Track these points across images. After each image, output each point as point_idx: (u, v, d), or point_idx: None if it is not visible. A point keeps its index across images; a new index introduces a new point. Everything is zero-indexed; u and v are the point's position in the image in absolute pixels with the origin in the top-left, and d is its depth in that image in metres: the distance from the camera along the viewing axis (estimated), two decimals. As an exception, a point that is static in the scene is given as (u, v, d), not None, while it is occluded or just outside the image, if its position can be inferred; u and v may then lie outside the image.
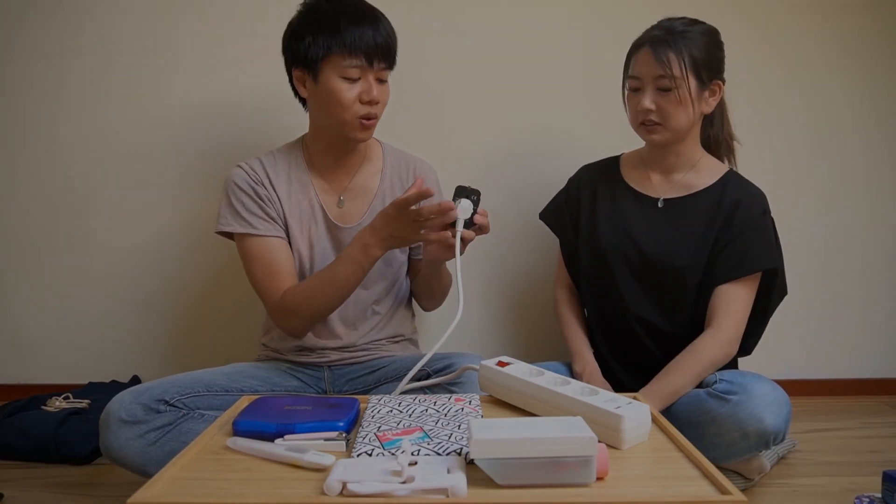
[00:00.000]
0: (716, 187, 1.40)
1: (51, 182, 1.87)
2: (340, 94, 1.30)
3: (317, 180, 1.43)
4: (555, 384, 0.99)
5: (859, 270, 1.96)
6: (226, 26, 1.85)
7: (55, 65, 1.85)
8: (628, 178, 1.49)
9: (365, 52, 1.28)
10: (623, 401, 0.91)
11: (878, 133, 1.94)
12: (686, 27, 1.34)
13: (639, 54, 1.36)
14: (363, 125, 1.33)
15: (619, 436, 0.87)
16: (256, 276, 1.37)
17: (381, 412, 0.97)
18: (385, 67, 1.32)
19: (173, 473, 0.80)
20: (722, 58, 1.39)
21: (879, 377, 1.98)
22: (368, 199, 1.45)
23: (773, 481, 1.39)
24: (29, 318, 1.90)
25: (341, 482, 0.73)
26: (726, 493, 0.72)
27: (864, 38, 1.91)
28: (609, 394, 0.95)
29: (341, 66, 1.29)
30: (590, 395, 0.95)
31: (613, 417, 0.87)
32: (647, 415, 0.91)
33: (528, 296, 1.91)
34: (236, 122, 1.86)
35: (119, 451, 1.18)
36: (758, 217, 1.37)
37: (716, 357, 1.31)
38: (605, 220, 1.47)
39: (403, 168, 1.49)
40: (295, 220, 1.41)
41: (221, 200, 1.41)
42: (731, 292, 1.34)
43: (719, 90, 1.39)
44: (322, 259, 1.42)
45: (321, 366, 1.44)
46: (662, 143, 1.38)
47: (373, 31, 1.29)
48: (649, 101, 1.33)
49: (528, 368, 1.06)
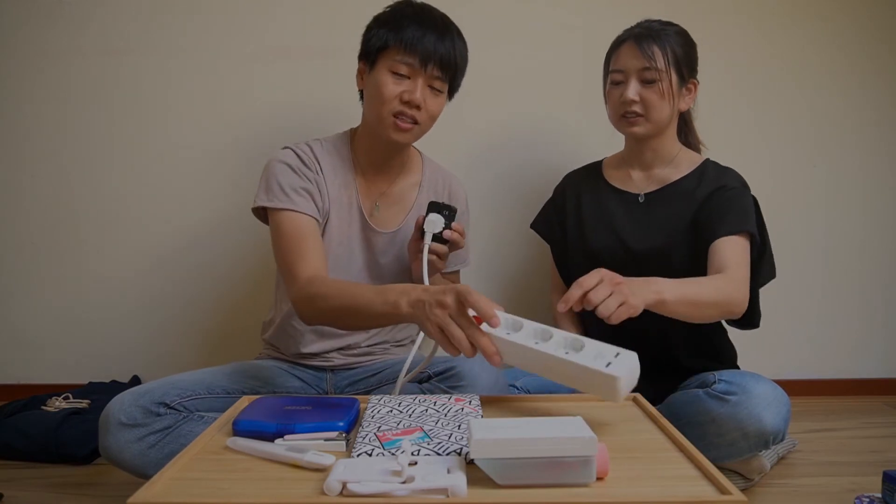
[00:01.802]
0: (694, 174, 1.44)
1: (51, 182, 1.88)
2: (383, 87, 1.29)
3: (359, 179, 1.42)
4: (535, 340, 0.94)
5: (859, 270, 1.96)
6: (231, 25, 1.85)
7: (57, 65, 1.85)
8: (610, 178, 1.53)
9: (421, 53, 1.27)
10: (609, 353, 0.91)
11: (878, 133, 1.94)
12: (663, 26, 1.41)
13: (622, 49, 1.41)
14: (396, 124, 1.30)
15: (616, 393, 0.89)
16: (286, 254, 1.28)
17: (381, 412, 0.97)
18: (439, 77, 1.30)
19: (173, 473, 0.80)
20: (696, 58, 1.44)
21: (879, 377, 1.98)
22: (405, 209, 1.44)
23: (773, 481, 1.39)
24: (29, 318, 1.90)
25: (341, 482, 0.73)
26: (726, 493, 0.72)
27: (863, 38, 1.91)
28: (593, 346, 0.93)
29: (394, 59, 1.28)
30: (575, 350, 0.92)
31: (607, 378, 0.88)
32: (636, 362, 0.92)
33: (525, 302, 1.92)
34: (241, 124, 1.87)
35: (118, 454, 1.18)
36: (738, 188, 1.40)
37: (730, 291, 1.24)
38: (592, 221, 1.50)
39: (440, 183, 1.50)
40: (335, 214, 1.39)
41: (262, 178, 1.35)
42: (730, 242, 1.32)
43: (695, 89, 1.44)
44: (349, 258, 1.40)
45: (324, 368, 1.44)
46: (643, 135, 1.42)
47: (436, 37, 1.28)
48: (633, 92, 1.37)
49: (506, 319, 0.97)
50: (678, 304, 1.15)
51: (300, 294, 1.22)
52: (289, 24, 1.86)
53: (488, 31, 1.85)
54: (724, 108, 1.88)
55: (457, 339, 0.94)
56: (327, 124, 1.53)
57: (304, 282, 1.22)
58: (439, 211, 1.30)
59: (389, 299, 1.04)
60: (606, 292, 1.03)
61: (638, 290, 1.08)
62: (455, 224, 1.31)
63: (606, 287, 1.04)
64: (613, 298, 1.03)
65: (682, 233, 1.40)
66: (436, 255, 1.32)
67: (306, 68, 1.85)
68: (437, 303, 0.96)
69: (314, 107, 1.84)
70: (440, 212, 1.30)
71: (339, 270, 1.40)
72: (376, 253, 1.43)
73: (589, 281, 1.04)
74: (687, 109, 1.48)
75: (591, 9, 1.87)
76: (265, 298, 1.65)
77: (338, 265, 1.40)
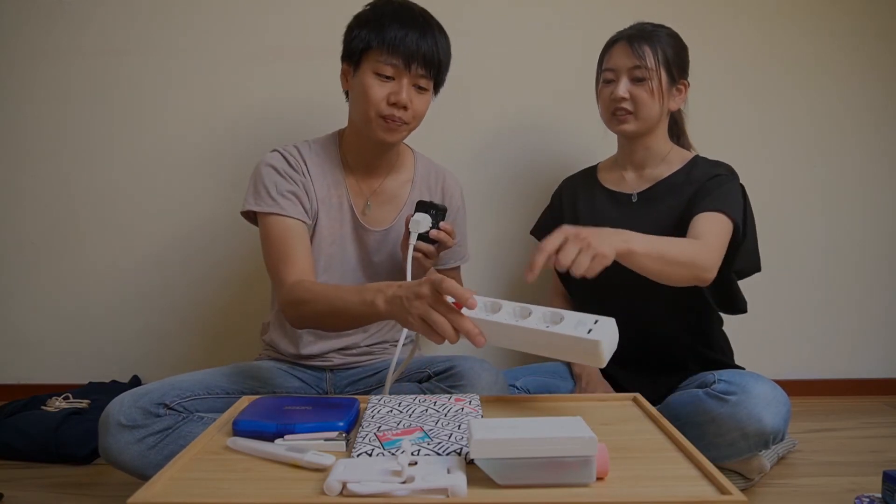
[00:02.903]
0: (683, 170, 1.46)
1: (51, 182, 1.88)
2: (369, 90, 1.29)
3: (349, 178, 1.42)
4: (516, 318, 0.99)
5: (859, 270, 1.96)
6: (232, 26, 1.85)
7: (57, 65, 1.85)
8: (604, 180, 1.55)
9: (404, 53, 1.27)
10: (588, 321, 0.95)
11: (877, 133, 1.94)
12: (655, 28, 1.43)
13: (614, 49, 1.44)
14: (385, 126, 1.31)
15: (599, 357, 0.93)
16: (273, 259, 1.30)
17: (381, 412, 0.97)
18: (424, 75, 1.30)
19: (173, 473, 0.80)
20: (688, 60, 1.47)
21: (879, 377, 1.99)
22: (398, 207, 1.44)
23: (773, 481, 1.39)
24: (29, 318, 1.91)
25: (341, 482, 0.73)
26: (726, 493, 0.72)
27: (862, 39, 1.92)
28: (572, 316, 0.97)
29: (378, 61, 1.28)
30: (555, 323, 0.97)
31: (590, 343, 0.92)
32: (615, 327, 0.96)
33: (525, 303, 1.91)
34: (242, 125, 1.87)
35: (118, 456, 1.18)
36: (725, 175, 1.41)
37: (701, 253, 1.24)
38: (586, 223, 1.49)
39: (433, 179, 1.49)
40: (325, 214, 1.39)
41: (250, 182, 1.37)
42: (707, 217, 1.33)
43: (685, 89, 1.46)
44: (343, 257, 1.41)
45: (323, 368, 1.44)
46: (632, 133, 1.44)
47: (418, 36, 1.28)
48: (623, 89, 1.40)
49: (484, 302, 1.02)
50: (646, 257, 1.14)
51: (285, 299, 1.24)
52: (289, 25, 1.86)
53: (488, 32, 1.86)
54: (723, 108, 1.89)
55: (439, 326, 0.94)
56: (327, 124, 1.52)
57: (288, 287, 1.24)
58: (426, 210, 1.30)
59: (367, 299, 1.05)
60: (575, 250, 1.01)
61: (607, 239, 1.06)
62: (443, 224, 1.31)
63: (573, 244, 1.01)
64: (584, 255, 1.01)
65: (673, 228, 1.40)
66: (423, 254, 1.32)
67: (306, 68, 1.85)
68: (415, 295, 0.97)
69: (315, 106, 1.84)
70: (427, 211, 1.30)
71: (332, 270, 1.40)
72: (369, 251, 1.43)
73: (552, 242, 1.01)
74: (677, 110, 1.50)
75: (591, 9, 1.87)
76: (265, 299, 1.65)
77: (331, 265, 1.40)
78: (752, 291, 1.47)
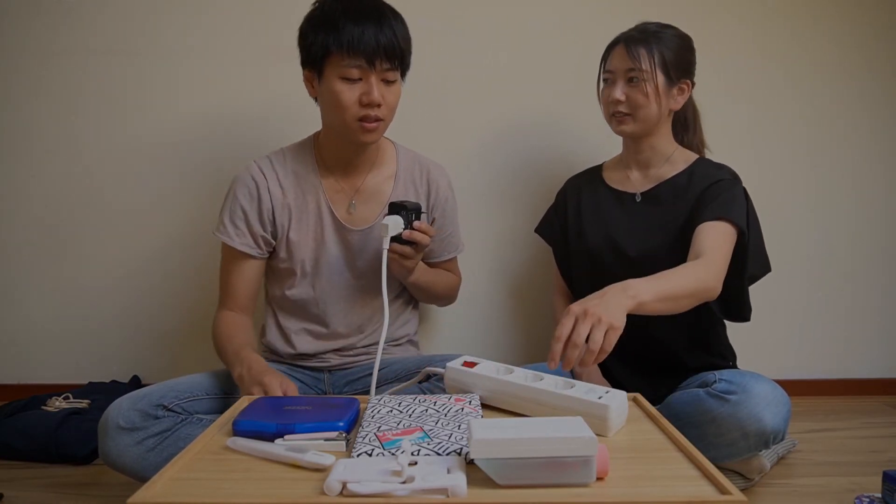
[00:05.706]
0: (686, 171, 1.46)
1: (52, 183, 1.87)
2: (340, 96, 1.27)
3: (327, 181, 1.41)
4: (527, 380, 1.01)
5: (860, 270, 1.96)
6: (234, 27, 1.85)
7: (59, 65, 1.85)
8: (609, 179, 1.56)
9: (365, 52, 1.23)
10: (600, 390, 0.96)
11: (876, 133, 1.94)
12: (659, 29, 1.43)
13: (614, 51, 1.45)
14: (364, 128, 1.29)
15: (606, 424, 0.91)
16: (220, 282, 1.43)
17: (381, 412, 0.97)
18: (390, 68, 1.27)
19: (173, 473, 0.80)
20: (692, 60, 1.47)
21: (879, 377, 1.98)
22: (381, 204, 1.43)
23: (773, 481, 1.39)
24: (29, 318, 1.90)
25: (341, 482, 0.73)
26: (726, 493, 0.72)
27: (859, 39, 1.91)
28: (582, 385, 0.98)
29: (341, 66, 1.25)
30: (567, 388, 0.97)
31: (599, 407, 0.91)
32: (625, 400, 0.95)
33: (528, 301, 1.92)
34: (244, 124, 1.86)
35: (117, 458, 1.18)
36: (728, 179, 1.41)
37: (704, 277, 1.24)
38: (590, 223, 1.53)
39: (417, 171, 1.47)
40: (298, 221, 1.39)
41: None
42: (710, 227, 1.33)
43: (688, 89, 1.46)
44: (328, 261, 1.40)
45: (321, 368, 1.44)
46: (631, 134, 1.45)
47: (375, 29, 1.23)
48: (619, 92, 1.42)
49: (496, 367, 1.07)
50: (655, 302, 1.14)
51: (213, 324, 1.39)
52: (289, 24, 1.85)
53: (489, 32, 1.86)
54: (723, 108, 1.88)
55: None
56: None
57: (216, 315, 1.40)
58: (397, 211, 1.28)
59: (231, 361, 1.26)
60: (586, 329, 1.01)
61: (614, 304, 1.05)
62: (417, 223, 1.29)
63: (584, 324, 1.01)
64: (597, 330, 1.01)
65: (677, 231, 1.41)
66: (400, 256, 1.31)
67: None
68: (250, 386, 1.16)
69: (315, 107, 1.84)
70: (398, 212, 1.28)
71: (321, 275, 1.41)
72: (353, 251, 1.42)
73: (564, 329, 1.02)
74: (692, 108, 1.51)
75: (591, 9, 1.87)
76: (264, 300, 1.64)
77: (319, 270, 1.41)
78: (752, 291, 1.46)
